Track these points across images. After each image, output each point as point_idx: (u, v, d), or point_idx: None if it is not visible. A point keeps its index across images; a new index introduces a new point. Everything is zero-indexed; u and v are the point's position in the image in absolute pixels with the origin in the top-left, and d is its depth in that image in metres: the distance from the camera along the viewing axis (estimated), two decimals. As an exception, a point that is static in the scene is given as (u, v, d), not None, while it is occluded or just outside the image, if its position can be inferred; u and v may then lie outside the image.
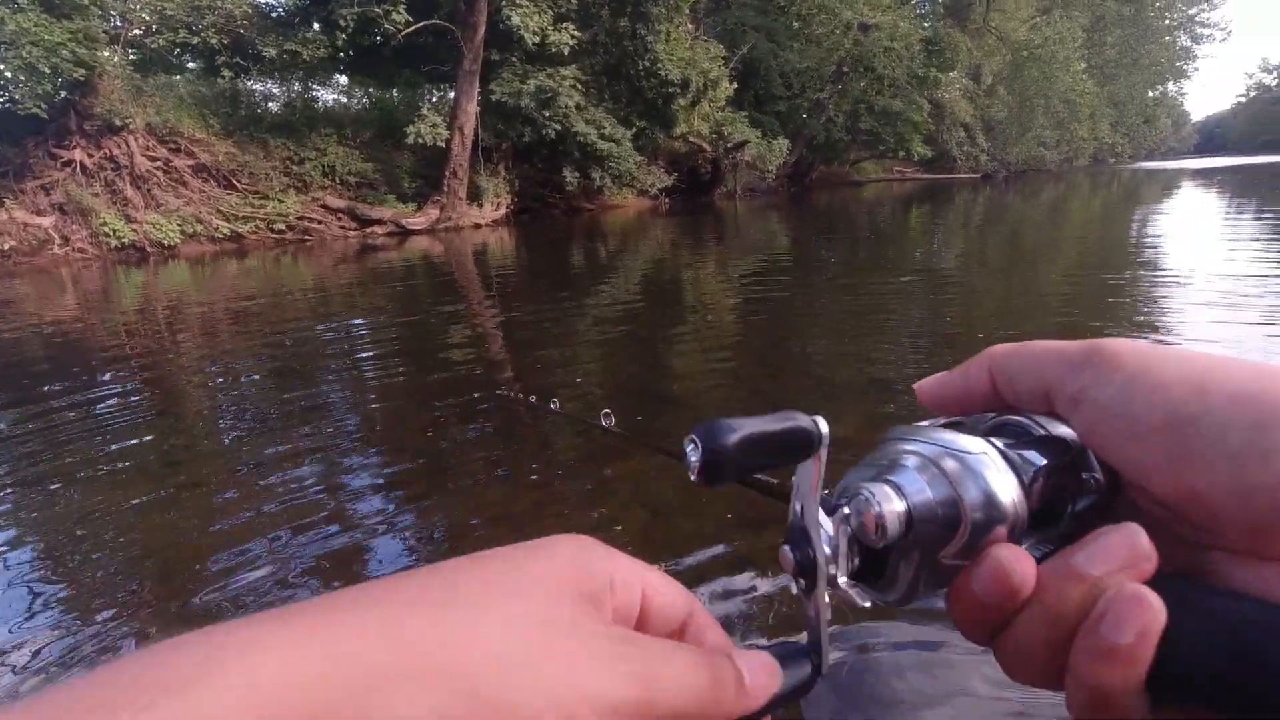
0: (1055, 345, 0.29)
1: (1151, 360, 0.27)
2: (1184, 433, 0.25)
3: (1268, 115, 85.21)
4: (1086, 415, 0.27)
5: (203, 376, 4.58)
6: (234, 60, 13.26)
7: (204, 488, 2.78)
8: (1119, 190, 22.26)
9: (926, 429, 0.29)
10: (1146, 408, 0.26)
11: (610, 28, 16.64)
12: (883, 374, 3.82)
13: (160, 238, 12.25)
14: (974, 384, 0.31)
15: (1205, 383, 0.25)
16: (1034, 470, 0.27)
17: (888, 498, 0.27)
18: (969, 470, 0.27)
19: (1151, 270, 7.01)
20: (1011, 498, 0.26)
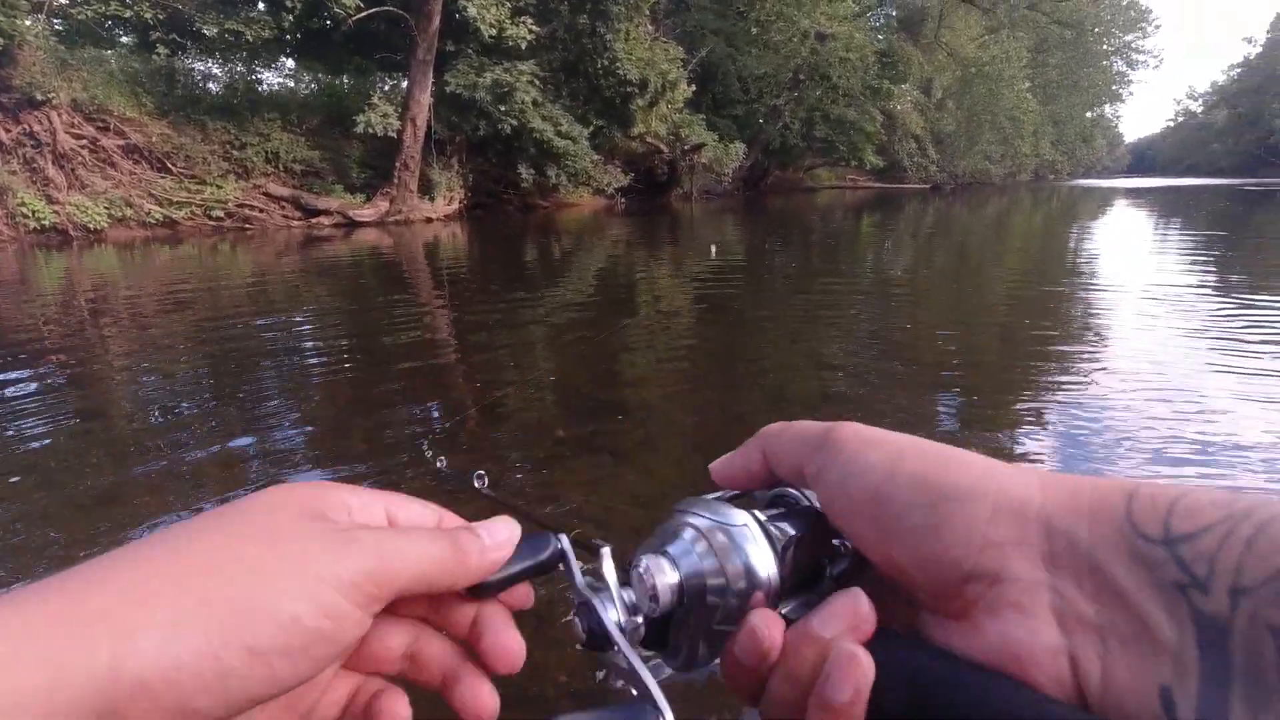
0: (805, 428, 0.33)
1: (864, 444, 0.30)
2: (881, 510, 0.28)
3: (1193, 140, 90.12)
4: (822, 492, 0.31)
5: (128, 370, 4.26)
6: (170, 37, 12.58)
7: (125, 484, 2.57)
8: (1058, 205, 23.14)
9: (707, 501, 0.32)
10: (857, 488, 0.29)
11: (569, 24, 16.45)
12: (833, 380, 3.80)
13: (85, 221, 11.54)
14: (751, 463, 0.34)
15: (896, 466, 0.29)
16: (787, 539, 0.30)
17: (661, 570, 0.30)
18: (732, 541, 0.30)
19: (1087, 279, 7.28)
20: (767, 565, 0.29)
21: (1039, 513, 0.26)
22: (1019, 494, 0.27)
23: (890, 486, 0.28)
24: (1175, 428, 3.00)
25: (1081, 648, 0.25)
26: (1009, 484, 0.27)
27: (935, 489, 0.28)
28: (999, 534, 0.26)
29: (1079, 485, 0.27)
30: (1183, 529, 0.24)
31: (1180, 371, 3.81)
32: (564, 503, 2.42)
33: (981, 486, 0.27)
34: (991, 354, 4.41)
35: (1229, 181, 45.30)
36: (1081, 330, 4.93)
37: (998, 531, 0.26)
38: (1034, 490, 0.27)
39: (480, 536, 0.30)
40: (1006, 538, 0.26)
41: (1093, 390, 3.53)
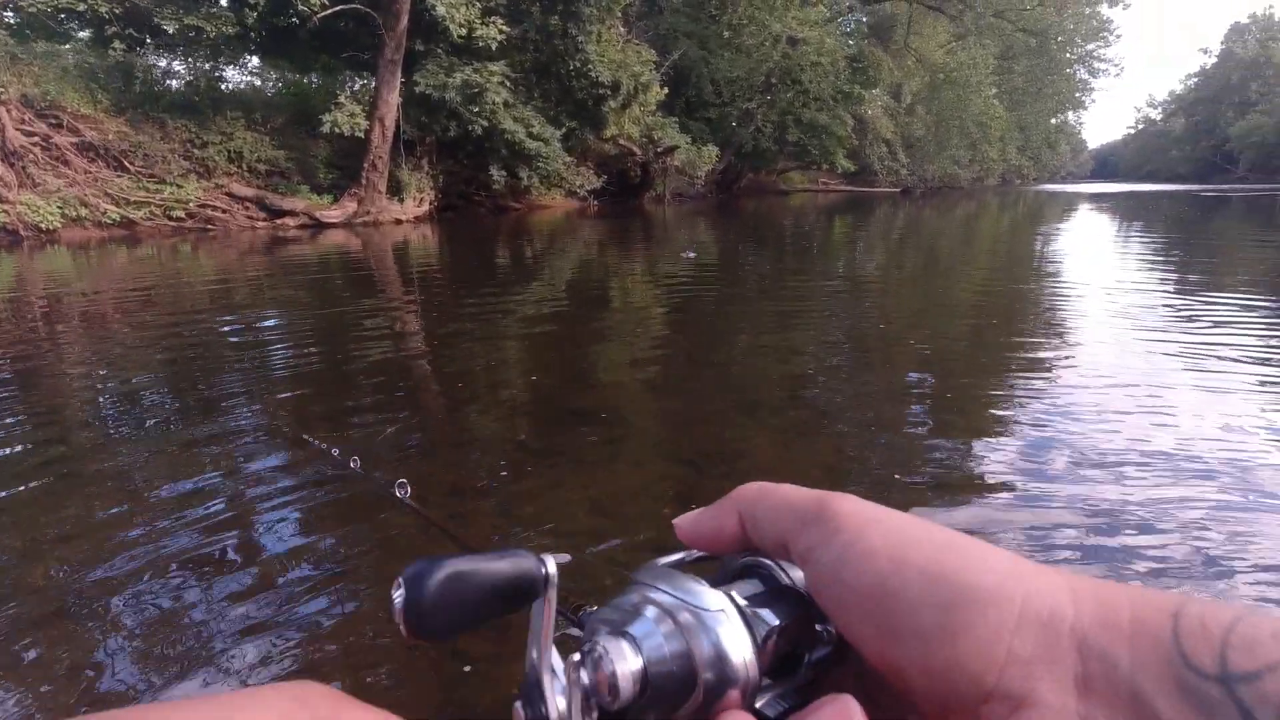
0: (791, 495, 0.29)
1: (865, 525, 0.27)
2: (884, 606, 0.25)
3: (1153, 147, 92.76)
4: (812, 574, 0.28)
5: (83, 374, 4.09)
6: (127, 32, 12.22)
7: (81, 492, 2.46)
8: (1025, 210, 23.58)
9: (674, 574, 0.28)
10: (856, 576, 0.26)
11: (541, 25, 16.34)
12: (803, 388, 3.76)
13: (37, 220, 11.14)
14: (724, 524, 0.31)
15: (904, 555, 0.25)
16: (768, 629, 0.27)
17: (622, 656, 0.26)
18: (705, 629, 0.26)
19: (1053, 280, 7.39)
20: (744, 658, 0.26)
21: (1072, 627, 0.23)
22: (1049, 603, 0.24)
23: (897, 579, 0.25)
24: (1139, 423, 3.02)
25: None
26: (1037, 590, 0.24)
27: (952, 587, 0.24)
28: (1027, 649, 0.23)
29: (1114, 597, 0.23)
30: (1243, 666, 0.21)
31: (1144, 368, 3.87)
32: (518, 512, 2.33)
33: (1007, 590, 0.24)
34: (962, 354, 4.42)
35: (1186, 187, 46.66)
36: (1048, 330, 4.98)
37: (1025, 646, 0.23)
38: (1064, 599, 0.24)
39: None
40: (1035, 654, 0.23)
41: (1060, 389, 3.56)
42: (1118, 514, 2.27)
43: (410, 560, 0.24)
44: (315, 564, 2.03)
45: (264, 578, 1.95)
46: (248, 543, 2.15)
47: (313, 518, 2.29)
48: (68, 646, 1.68)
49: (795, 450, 2.90)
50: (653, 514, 2.29)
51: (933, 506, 2.36)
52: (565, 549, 0.27)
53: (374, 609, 1.80)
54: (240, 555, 2.07)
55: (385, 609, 1.76)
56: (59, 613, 1.81)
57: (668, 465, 2.76)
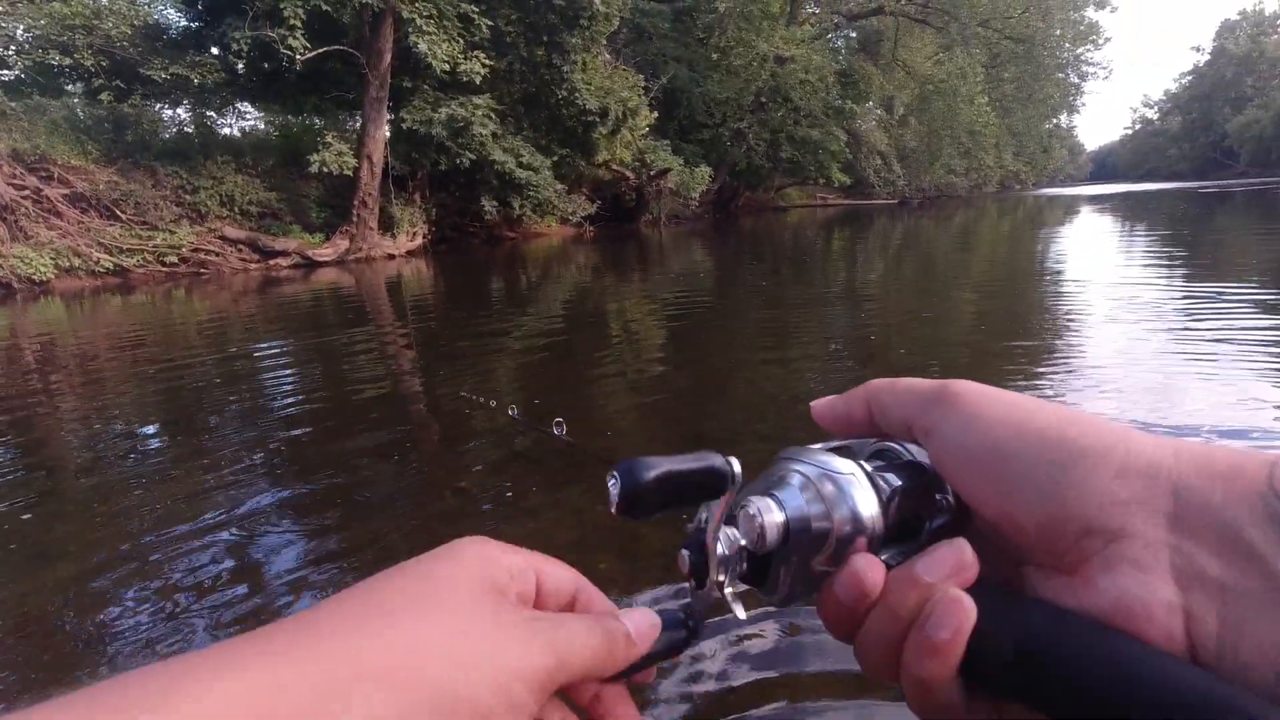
0: (917, 383, 0.33)
1: (985, 401, 0.30)
2: (1003, 467, 0.28)
3: (1150, 146, 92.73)
4: (935, 446, 0.31)
5: (79, 423, 4.07)
6: (114, 83, 12.37)
7: (82, 540, 2.45)
8: (1024, 214, 23.43)
9: (812, 451, 0.33)
10: (978, 442, 0.29)
11: (526, 56, 16.49)
12: (805, 408, 3.61)
13: (29, 272, 11.18)
14: (855, 411, 0.35)
15: (1023, 423, 0.29)
16: (891, 490, 0.31)
17: (769, 509, 0.30)
18: (839, 489, 0.30)
19: (1056, 282, 7.23)
20: (871, 513, 0.30)
21: (1168, 473, 0.26)
22: (1150, 455, 0.26)
23: (1018, 442, 0.28)
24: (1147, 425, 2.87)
25: (1200, 606, 0.24)
26: (1140, 446, 0.27)
27: (1067, 447, 0.27)
28: (1124, 492, 0.26)
29: (1215, 453, 0.26)
30: None
31: (1150, 369, 3.77)
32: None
33: (1109, 444, 0.27)
34: (968, 363, 4.26)
35: (1186, 185, 46.45)
36: (1053, 337, 4.81)
37: (1123, 489, 0.26)
38: (1166, 453, 0.26)
39: (627, 629, 0.31)
40: (1132, 496, 0.26)
41: (1071, 390, 3.42)
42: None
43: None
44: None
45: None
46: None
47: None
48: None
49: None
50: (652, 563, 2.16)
51: None
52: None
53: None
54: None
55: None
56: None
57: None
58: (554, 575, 0.33)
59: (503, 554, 0.31)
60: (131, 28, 12.52)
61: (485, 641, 0.26)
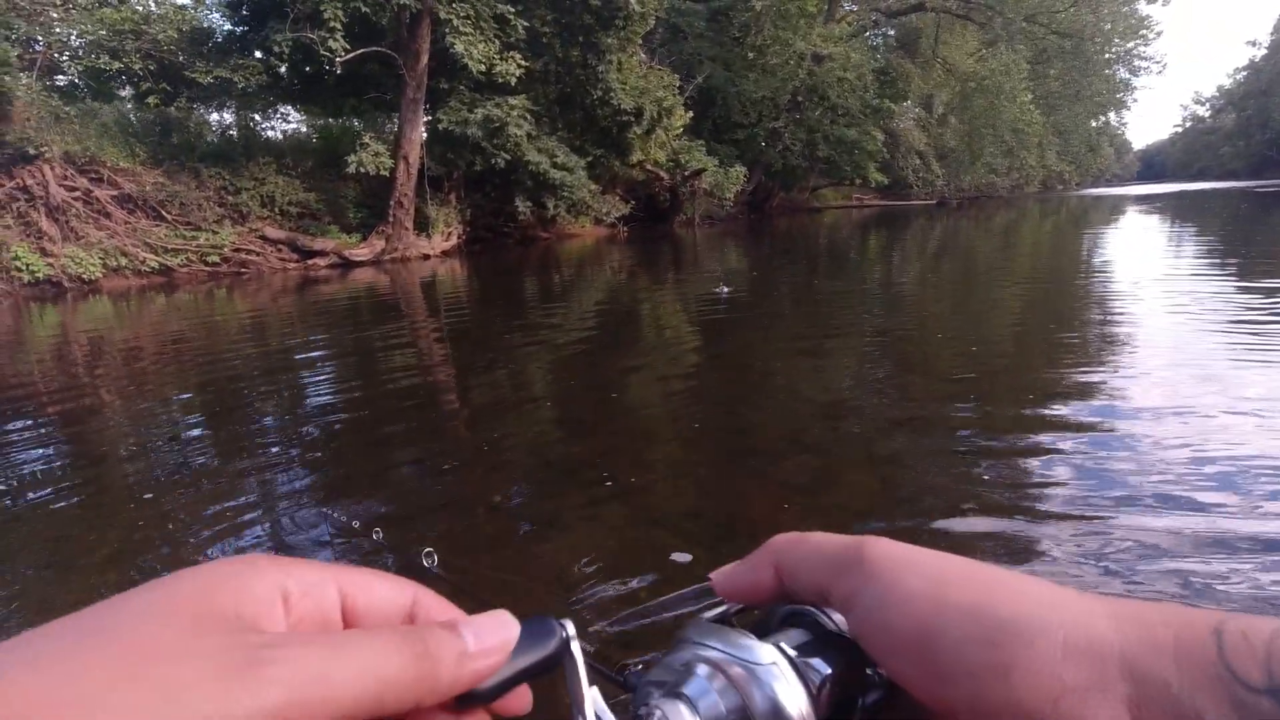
0: (825, 543, 0.30)
1: (902, 567, 0.27)
2: (930, 647, 0.25)
3: (1201, 144, 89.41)
4: (855, 620, 0.28)
5: (126, 421, 4.15)
6: (161, 86, 12.66)
7: (132, 541, 2.48)
8: (1067, 215, 22.73)
9: (720, 631, 0.28)
10: (900, 618, 0.26)
11: (562, 57, 16.47)
12: (843, 424, 3.45)
13: (79, 272, 11.50)
14: (760, 576, 0.31)
15: (943, 594, 0.25)
16: (821, 678, 0.27)
17: (680, 717, 0.26)
18: (759, 683, 0.26)
19: (1104, 288, 6.92)
20: (800, 710, 0.26)
21: (1115, 651, 0.23)
22: (1091, 628, 0.24)
23: (939, 620, 0.25)
24: (1199, 439, 2.79)
25: None
26: (1077, 618, 0.24)
27: (992, 621, 0.24)
28: (1076, 678, 0.23)
29: (1152, 619, 0.24)
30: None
31: (1203, 375, 3.62)
32: (535, 582, 2.14)
33: (1047, 619, 0.24)
34: (1006, 368, 4.05)
35: (1242, 184, 44.64)
36: (1101, 342, 4.57)
37: (1075, 675, 0.23)
38: (1105, 624, 0.24)
39: (463, 638, 0.23)
40: (1086, 682, 0.23)
41: (1117, 399, 3.22)
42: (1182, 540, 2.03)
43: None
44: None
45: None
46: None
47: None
48: None
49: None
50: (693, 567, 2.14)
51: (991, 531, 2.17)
52: (594, 604, 0.28)
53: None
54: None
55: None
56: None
57: (701, 513, 2.57)
58: (371, 590, 0.24)
59: (273, 570, 0.23)
60: (179, 32, 12.82)
61: (170, 679, 0.18)
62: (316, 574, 0.24)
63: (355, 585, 0.24)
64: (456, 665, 0.23)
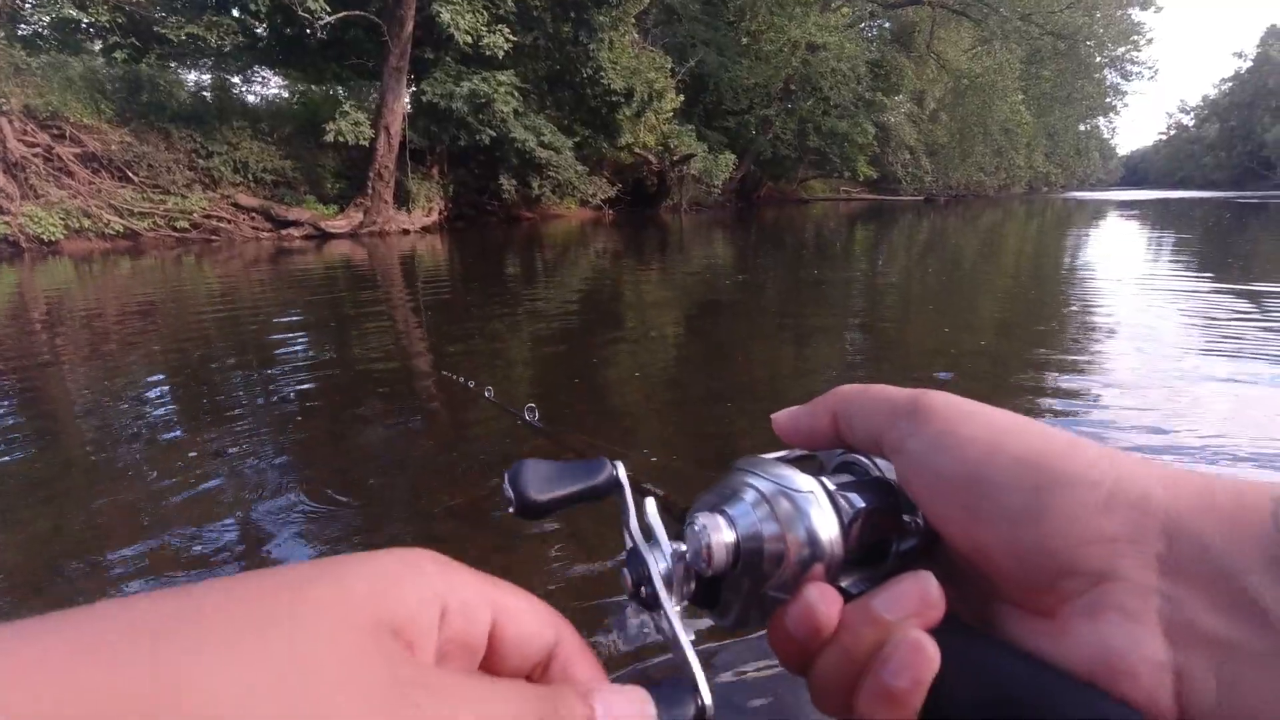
0: (887, 392, 0.30)
1: (959, 416, 0.27)
2: (975, 490, 0.26)
3: (1184, 153, 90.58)
4: (903, 463, 0.28)
5: (88, 387, 3.94)
6: (129, 41, 12.10)
7: (88, 506, 2.41)
8: (1053, 217, 22.80)
9: (770, 463, 0.30)
10: (949, 462, 0.26)
11: (552, 32, 16.06)
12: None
13: (39, 232, 10.99)
14: (819, 422, 0.32)
15: (998, 443, 0.26)
16: (854, 512, 0.28)
17: (718, 529, 0.28)
18: (796, 508, 0.27)
19: (1085, 289, 6.84)
20: (830, 536, 0.27)
21: (1161, 509, 0.23)
22: (1140, 485, 0.24)
23: (990, 465, 0.25)
24: (1174, 423, 2.89)
25: (1195, 665, 0.22)
26: (1129, 474, 0.24)
27: (1044, 471, 0.25)
28: (1111, 527, 0.23)
29: (1211, 485, 0.23)
30: None
31: (1176, 373, 3.69)
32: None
33: (1096, 472, 0.24)
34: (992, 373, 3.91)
35: (1222, 194, 45.21)
36: (1082, 347, 4.45)
37: (1110, 524, 0.23)
38: (1157, 484, 0.24)
39: (594, 711, 0.22)
40: (1119, 533, 0.23)
41: (1097, 409, 3.12)
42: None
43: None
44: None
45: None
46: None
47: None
48: None
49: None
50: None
51: None
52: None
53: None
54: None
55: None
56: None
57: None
58: (523, 621, 0.25)
59: (438, 578, 0.23)
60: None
61: (310, 703, 0.17)
62: (475, 592, 0.24)
63: (507, 613, 0.24)
64: None
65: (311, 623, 0.19)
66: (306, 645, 0.18)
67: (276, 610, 0.19)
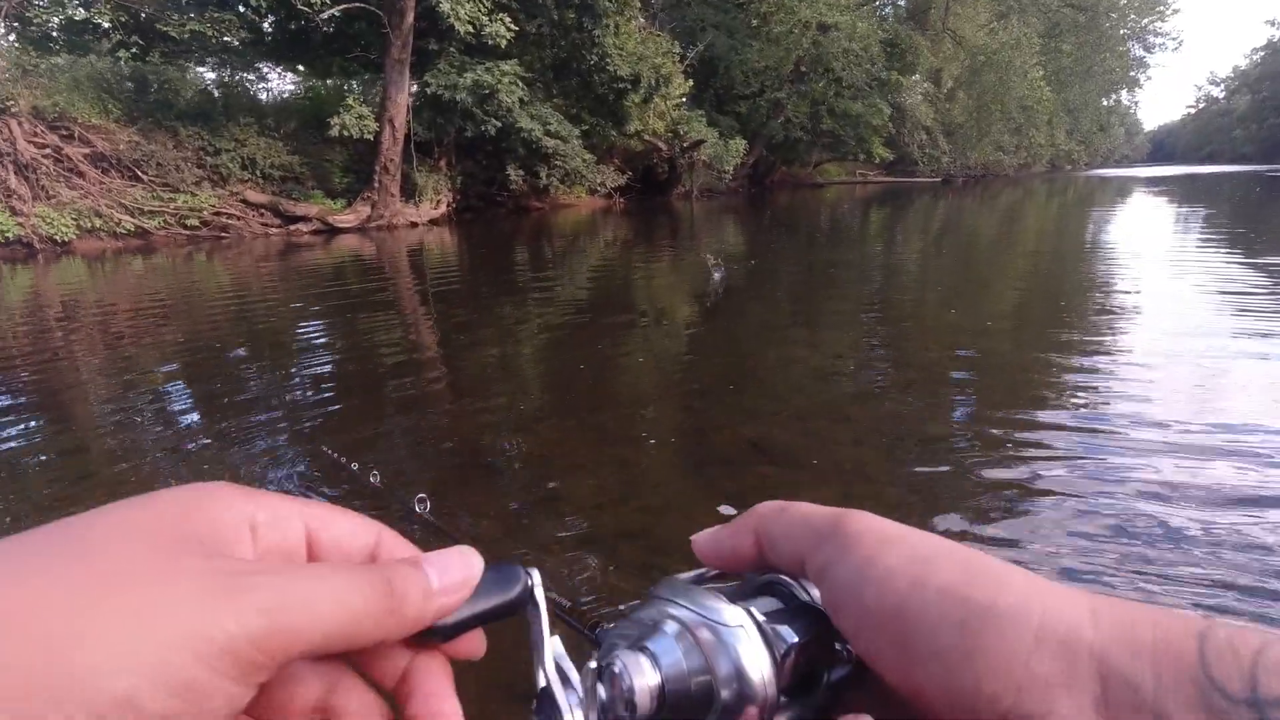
0: (808, 513, 0.29)
1: (882, 543, 0.26)
2: (902, 626, 0.24)
3: (1214, 127, 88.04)
4: (828, 592, 0.27)
5: (99, 387, 4.01)
6: (132, 39, 12.13)
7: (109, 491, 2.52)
8: (1074, 196, 22.23)
9: (691, 590, 0.28)
10: (875, 594, 0.25)
11: (556, 19, 15.87)
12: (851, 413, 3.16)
13: (51, 232, 11.10)
14: (741, 543, 0.31)
15: (923, 574, 0.25)
16: (787, 646, 0.27)
17: (640, 670, 0.26)
18: (723, 644, 0.26)
19: (1110, 273, 6.60)
20: (763, 675, 0.25)
21: (1092, 648, 0.22)
22: (1068, 621, 0.23)
23: (916, 599, 0.24)
24: (1193, 410, 2.82)
25: None
26: (1055, 607, 0.23)
27: (970, 605, 0.24)
28: (1045, 669, 0.22)
29: (1136, 619, 0.23)
30: (1275, 690, 0.20)
31: (1204, 354, 3.61)
32: (524, 539, 2.14)
33: (1024, 608, 0.23)
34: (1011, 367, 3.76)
35: (1253, 168, 43.87)
36: (1104, 327, 4.27)
37: (1044, 666, 0.22)
38: (1083, 617, 0.23)
39: (427, 575, 0.24)
40: (1053, 675, 0.22)
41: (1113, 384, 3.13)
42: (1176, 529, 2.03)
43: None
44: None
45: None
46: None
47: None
48: None
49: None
50: (675, 531, 2.15)
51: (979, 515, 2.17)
52: (583, 564, 0.29)
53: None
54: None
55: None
56: None
57: (691, 478, 2.55)
58: (336, 526, 0.25)
59: (243, 500, 0.23)
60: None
61: (143, 597, 0.18)
62: (284, 506, 0.24)
63: (320, 520, 0.25)
64: (421, 602, 0.23)
65: (119, 537, 0.19)
66: (113, 554, 0.19)
67: (77, 531, 0.19)
